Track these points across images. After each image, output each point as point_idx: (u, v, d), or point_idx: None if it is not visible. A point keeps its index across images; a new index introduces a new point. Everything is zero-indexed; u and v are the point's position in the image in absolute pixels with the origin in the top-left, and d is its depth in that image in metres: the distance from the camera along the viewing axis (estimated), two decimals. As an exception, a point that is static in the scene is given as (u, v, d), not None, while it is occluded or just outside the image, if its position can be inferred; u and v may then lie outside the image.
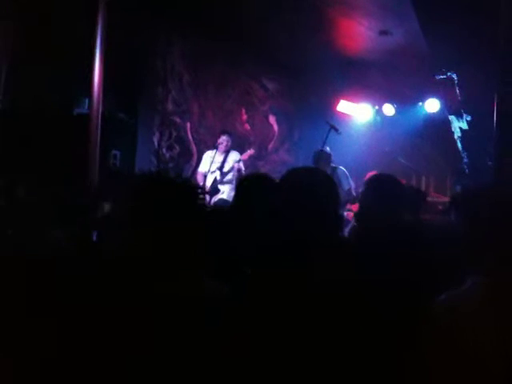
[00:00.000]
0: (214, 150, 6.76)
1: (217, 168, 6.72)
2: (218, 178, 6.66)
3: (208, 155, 6.86)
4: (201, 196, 1.66)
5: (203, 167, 6.83)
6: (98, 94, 5.90)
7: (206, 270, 1.61)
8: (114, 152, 6.43)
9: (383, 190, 2.56)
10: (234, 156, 6.84)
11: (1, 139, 5.58)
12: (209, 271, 1.61)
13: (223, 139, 6.75)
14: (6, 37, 5.90)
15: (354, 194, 6.10)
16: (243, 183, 2.78)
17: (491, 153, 5.67)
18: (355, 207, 5.59)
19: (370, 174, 6.93)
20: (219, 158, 6.75)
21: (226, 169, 6.71)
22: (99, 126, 5.92)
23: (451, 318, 1.43)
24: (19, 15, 5.81)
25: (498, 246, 1.50)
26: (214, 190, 6.55)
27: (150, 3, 6.48)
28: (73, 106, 6.47)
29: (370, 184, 2.67)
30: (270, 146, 8.78)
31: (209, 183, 6.67)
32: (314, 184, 1.73)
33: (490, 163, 5.41)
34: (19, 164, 5.45)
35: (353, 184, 6.38)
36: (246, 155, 7.20)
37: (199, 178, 6.78)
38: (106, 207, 2.73)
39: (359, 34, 6.96)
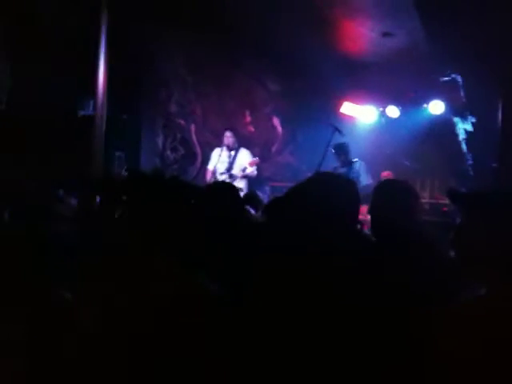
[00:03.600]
0: (223, 148, 6.74)
1: (225, 169, 6.65)
2: (228, 180, 6.60)
3: (216, 152, 6.84)
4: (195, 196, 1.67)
5: (210, 164, 6.81)
6: (103, 97, 5.93)
7: (207, 269, 1.61)
8: (118, 153, 6.45)
9: (396, 197, 2.54)
10: (243, 157, 6.74)
11: (6, 141, 5.61)
12: (210, 271, 1.61)
13: (226, 136, 6.74)
14: (9, 39, 5.93)
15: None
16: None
17: (496, 154, 5.66)
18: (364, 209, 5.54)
19: (384, 174, 6.93)
20: (226, 156, 6.70)
21: (234, 170, 6.63)
22: (103, 128, 5.94)
23: (465, 326, 1.42)
24: (23, 17, 5.84)
25: (500, 255, 1.48)
26: None
27: (153, 7, 6.51)
28: (77, 108, 6.51)
29: (383, 190, 2.65)
30: (274, 148, 8.77)
31: None
32: (337, 191, 1.73)
33: (494, 165, 5.40)
34: (24, 165, 5.47)
35: (371, 180, 6.33)
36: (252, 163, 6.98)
37: (208, 176, 6.75)
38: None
39: (362, 35, 6.96)
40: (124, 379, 1.46)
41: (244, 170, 6.57)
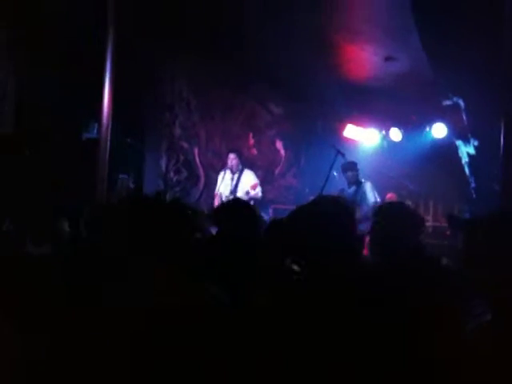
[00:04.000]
0: (226, 170, 6.72)
1: (230, 191, 6.63)
2: None
3: (220, 176, 6.82)
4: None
5: (217, 188, 6.78)
6: (107, 119, 5.97)
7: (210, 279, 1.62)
8: (121, 176, 6.47)
9: (397, 217, 2.57)
10: (248, 179, 6.69)
11: (12, 164, 5.64)
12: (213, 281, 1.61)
13: (230, 158, 6.71)
14: (15, 62, 6.00)
15: None
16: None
17: (498, 178, 5.65)
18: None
19: (388, 195, 6.94)
20: (229, 178, 6.68)
21: (239, 193, 6.57)
22: (108, 151, 5.98)
23: (483, 350, 1.41)
24: (29, 41, 5.92)
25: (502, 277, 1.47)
26: None
27: (159, 31, 6.60)
28: (82, 130, 6.56)
29: (384, 211, 2.68)
30: (277, 171, 8.80)
31: None
32: (337, 214, 1.79)
33: (497, 188, 5.39)
34: (29, 187, 5.49)
35: (379, 198, 6.34)
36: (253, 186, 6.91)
37: (216, 200, 6.72)
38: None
39: (365, 59, 7.03)
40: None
41: (247, 193, 6.50)
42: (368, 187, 6.36)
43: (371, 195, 6.31)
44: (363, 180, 6.40)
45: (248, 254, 2.33)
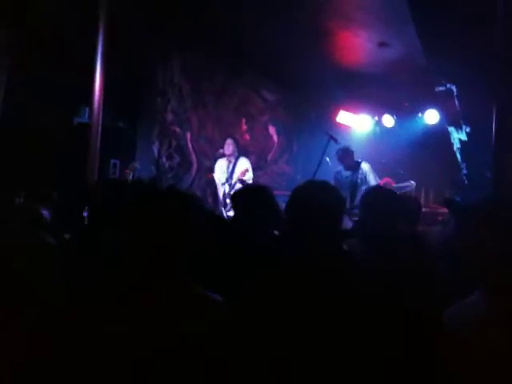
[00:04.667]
0: (223, 158, 6.68)
1: (225, 179, 6.58)
2: (227, 190, 6.49)
3: (218, 164, 6.77)
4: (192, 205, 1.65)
5: (215, 176, 6.76)
6: (99, 104, 5.93)
7: (197, 279, 1.60)
8: (113, 161, 6.44)
9: (379, 204, 2.58)
10: (242, 165, 6.65)
11: (1, 149, 5.59)
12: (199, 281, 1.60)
13: (227, 143, 6.65)
14: (6, 47, 5.93)
15: None
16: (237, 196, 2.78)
17: (490, 164, 5.68)
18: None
19: (384, 180, 6.95)
20: (225, 166, 6.64)
21: (234, 180, 6.54)
22: (99, 136, 5.94)
23: (462, 330, 1.42)
24: (19, 26, 5.84)
25: (499, 258, 1.48)
26: (226, 203, 6.39)
27: (150, 16, 6.53)
28: (73, 115, 6.50)
29: (367, 198, 2.69)
30: (270, 157, 8.79)
31: (221, 196, 6.57)
32: (327, 199, 1.80)
33: (488, 175, 5.41)
34: (20, 173, 5.45)
35: (378, 180, 6.29)
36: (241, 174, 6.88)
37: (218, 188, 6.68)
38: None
39: (358, 45, 7.00)
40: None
41: (242, 181, 6.44)
42: (368, 168, 6.32)
43: (372, 177, 6.26)
44: (360, 160, 6.36)
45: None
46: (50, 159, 5.86)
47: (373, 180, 6.21)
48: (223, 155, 6.67)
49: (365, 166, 6.30)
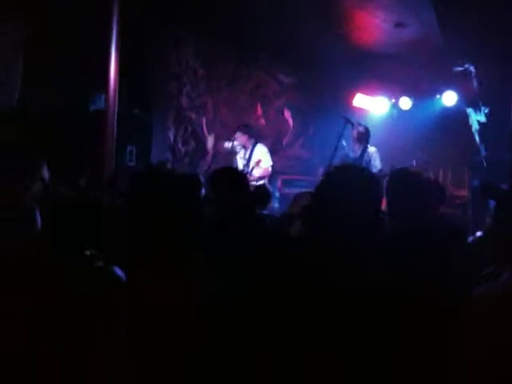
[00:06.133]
0: (241, 147, 6.66)
1: (243, 166, 6.55)
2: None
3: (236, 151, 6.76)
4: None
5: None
6: (114, 91, 5.94)
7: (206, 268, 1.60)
8: (129, 148, 6.47)
9: (413, 185, 2.54)
10: (258, 153, 6.61)
11: (18, 137, 5.65)
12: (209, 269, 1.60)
13: (236, 136, 6.65)
14: (21, 35, 5.95)
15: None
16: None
17: (509, 146, 5.60)
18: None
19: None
20: (243, 153, 6.62)
21: (250, 167, 6.51)
22: (115, 122, 5.96)
23: (490, 312, 1.40)
24: (34, 13, 5.85)
25: None
26: None
27: (164, 1, 6.49)
28: (89, 102, 6.53)
29: (399, 179, 2.65)
30: (285, 141, 8.75)
31: None
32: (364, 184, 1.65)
33: (507, 156, 5.34)
34: (36, 160, 5.50)
35: (383, 166, 6.26)
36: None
37: None
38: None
39: (374, 26, 6.89)
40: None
41: (251, 173, 6.41)
42: (374, 152, 6.31)
43: (377, 162, 6.25)
44: (369, 145, 6.35)
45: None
46: (66, 146, 5.90)
47: (377, 164, 6.20)
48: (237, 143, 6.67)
49: (371, 150, 6.30)
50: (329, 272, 1.51)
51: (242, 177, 2.70)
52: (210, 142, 7.78)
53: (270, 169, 6.65)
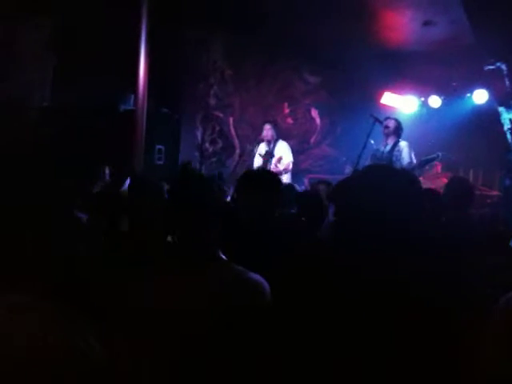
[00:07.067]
0: (264, 143, 6.71)
1: (263, 161, 6.61)
2: None
3: (259, 148, 6.79)
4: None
5: (256, 160, 6.80)
6: (143, 91, 6.04)
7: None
8: (158, 147, 6.56)
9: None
10: (279, 149, 6.66)
11: (49, 136, 5.78)
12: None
13: (265, 128, 6.67)
14: (51, 37, 6.09)
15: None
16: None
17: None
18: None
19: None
20: (264, 149, 6.67)
21: (272, 164, 6.54)
22: (144, 122, 6.06)
23: None
24: (67, 15, 5.99)
25: None
26: None
27: (193, 1, 6.56)
28: (119, 102, 6.64)
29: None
30: (312, 140, 8.74)
31: None
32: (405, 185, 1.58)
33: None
34: (68, 159, 5.62)
35: (414, 160, 6.18)
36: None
37: None
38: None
39: (403, 24, 6.84)
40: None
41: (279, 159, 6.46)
42: (405, 146, 6.25)
43: (407, 155, 6.19)
44: (400, 140, 6.30)
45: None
46: (97, 145, 6.01)
47: (406, 157, 6.13)
48: (262, 140, 6.70)
49: (403, 144, 6.25)
50: (359, 277, 1.47)
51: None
52: (237, 141, 7.84)
53: (290, 165, 6.67)
